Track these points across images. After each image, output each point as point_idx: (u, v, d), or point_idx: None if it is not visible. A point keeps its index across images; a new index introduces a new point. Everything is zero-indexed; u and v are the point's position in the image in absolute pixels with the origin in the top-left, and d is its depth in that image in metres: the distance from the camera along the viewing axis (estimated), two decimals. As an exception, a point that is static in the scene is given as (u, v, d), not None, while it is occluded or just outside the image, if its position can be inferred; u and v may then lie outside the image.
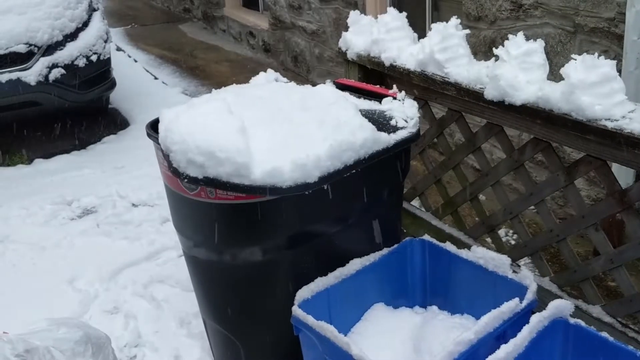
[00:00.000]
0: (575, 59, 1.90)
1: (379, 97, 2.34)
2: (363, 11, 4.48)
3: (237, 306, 2.12)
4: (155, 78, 6.20)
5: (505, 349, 1.68)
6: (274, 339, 2.13)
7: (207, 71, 6.41)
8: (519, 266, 2.27)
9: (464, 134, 2.48)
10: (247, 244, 1.98)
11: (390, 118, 2.19)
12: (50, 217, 3.68)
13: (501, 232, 3.25)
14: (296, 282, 2.01)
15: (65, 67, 4.60)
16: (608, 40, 2.90)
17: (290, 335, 1.95)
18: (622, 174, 2.54)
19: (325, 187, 1.89)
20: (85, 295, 2.94)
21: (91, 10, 4.96)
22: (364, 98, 2.38)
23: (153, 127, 2.09)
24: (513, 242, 3.14)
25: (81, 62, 4.68)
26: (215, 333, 2.27)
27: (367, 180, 2.09)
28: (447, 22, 2.37)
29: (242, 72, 6.12)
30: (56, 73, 4.55)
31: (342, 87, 2.46)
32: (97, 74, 4.88)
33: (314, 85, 2.45)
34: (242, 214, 1.92)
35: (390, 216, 2.34)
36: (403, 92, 2.33)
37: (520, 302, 1.87)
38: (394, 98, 2.30)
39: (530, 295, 1.91)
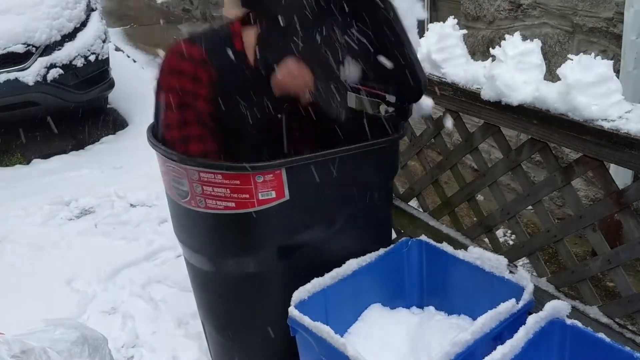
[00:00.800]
0: (572, 59, 1.89)
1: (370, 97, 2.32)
2: (361, 11, 4.46)
3: (231, 313, 2.13)
4: (154, 78, 6.19)
5: (501, 350, 1.67)
6: (271, 346, 2.11)
7: (206, 71, 6.40)
8: (516, 267, 2.26)
9: (461, 134, 2.48)
10: (237, 254, 1.97)
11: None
12: (48, 217, 3.68)
13: (499, 232, 3.24)
14: (290, 290, 1.97)
15: (64, 67, 4.60)
16: (606, 40, 2.90)
17: (287, 340, 1.94)
18: (620, 174, 2.53)
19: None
20: (83, 295, 2.94)
21: (89, 10, 4.96)
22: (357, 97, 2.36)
23: (154, 131, 2.08)
24: (511, 243, 3.13)
25: (79, 62, 4.69)
26: (212, 335, 2.27)
27: (354, 179, 2.05)
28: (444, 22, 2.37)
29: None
30: (54, 73, 4.55)
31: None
32: (96, 74, 4.88)
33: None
34: (229, 224, 1.90)
35: (380, 217, 2.29)
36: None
37: (517, 303, 1.87)
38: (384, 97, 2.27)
39: (526, 296, 1.91)
